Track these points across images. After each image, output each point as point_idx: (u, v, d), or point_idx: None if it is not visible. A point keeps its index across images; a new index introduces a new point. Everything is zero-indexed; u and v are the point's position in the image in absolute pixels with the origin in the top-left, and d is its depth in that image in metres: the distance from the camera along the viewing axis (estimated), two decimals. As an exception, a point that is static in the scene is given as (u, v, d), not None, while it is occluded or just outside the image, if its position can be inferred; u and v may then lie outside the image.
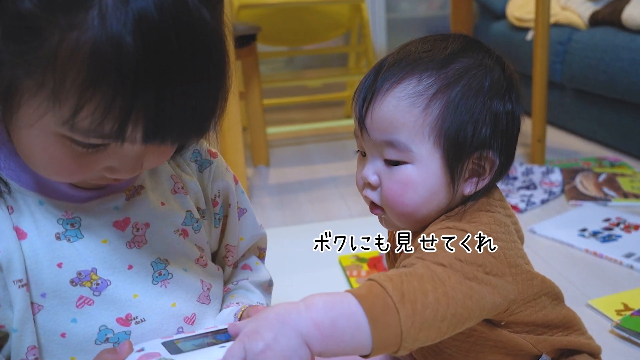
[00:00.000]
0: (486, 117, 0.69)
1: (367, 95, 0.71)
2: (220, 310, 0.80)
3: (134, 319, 0.67)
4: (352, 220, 1.72)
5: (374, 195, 0.74)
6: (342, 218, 1.75)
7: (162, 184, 0.73)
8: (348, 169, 2.25)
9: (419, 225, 0.73)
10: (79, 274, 0.65)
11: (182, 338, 0.67)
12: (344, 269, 1.37)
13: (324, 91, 3.23)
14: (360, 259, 1.39)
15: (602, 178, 1.86)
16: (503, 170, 0.73)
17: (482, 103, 0.69)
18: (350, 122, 2.75)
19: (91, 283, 0.65)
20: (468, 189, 0.71)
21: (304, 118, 3.13)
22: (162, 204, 0.72)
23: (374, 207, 0.75)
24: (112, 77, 0.50)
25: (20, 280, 0.61)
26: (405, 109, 0.69)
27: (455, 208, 0.73)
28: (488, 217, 0.71)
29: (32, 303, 0.63)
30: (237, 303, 0.79)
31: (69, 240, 0.64)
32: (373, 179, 0.73)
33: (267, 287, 0.90)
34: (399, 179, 0.70)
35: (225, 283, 0.85)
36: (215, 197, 0.80)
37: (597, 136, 2.34)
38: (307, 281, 1.35)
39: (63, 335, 0.64)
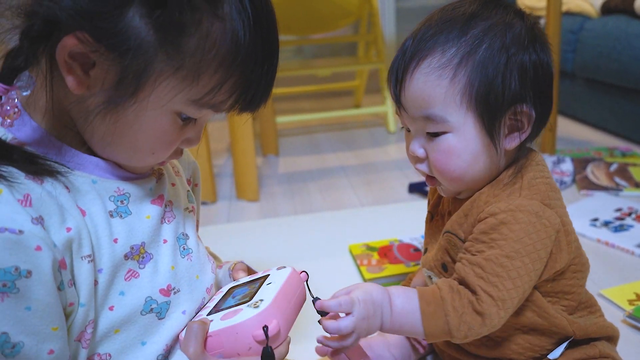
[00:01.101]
0: (512, 72, 0.72)
1: (398, 75, 0.76)
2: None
3: (173, 289, 0.71)
4: (362, 209, 1.72)
5: (424, 167, 0.79)
6: (351, 207, 1.74)
7: (168, 168, 0.79)
8: (357, 158, 2.25)
9: (472, 187, 0.78)
10: (132, 248, 0.68)
11: (213, 307, 0.73)
12: (354, 257, 1.37)
13: (333, 80, 3.22)
14: (370, 248, 1.39)
15: (613, 168, 1.85)
16: (542, 121, 0.77)
17: (506, 59, 0.72)
18: (359, 112, 2.75)
19: (139, 257, 0.69)
20: (510, 144, 0.75)
21: (313, 107, 3.13)
22: (173, 184, 0.77)
23: (428, 178, 0.80)
24: (245, 59, 0.62)
25: (89, 256, 0.63)
26: (434, 83, 0.73)
27: (507, 170, 0.77)
28: (545, 185, 0.76)
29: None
30: (222, 263, 0.92)
31: (120, 216, 0.68)
32: (420, 152, 0.77)
33: None
34: (442, 149, 0.75)
35: None
36: (190, 177, 0.87)
37: (608, 125, 2.32)
38: (317, 270, 1.34)
39: (111, 308, 0.66)
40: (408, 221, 1.58)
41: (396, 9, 3.43)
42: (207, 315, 0.70)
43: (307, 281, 0.75)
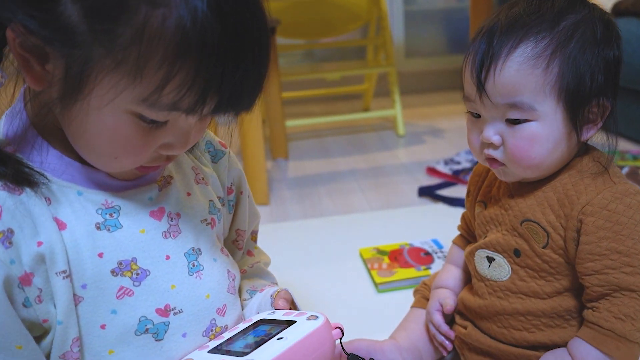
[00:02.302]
0: (600, 66, 0.75)
1: (485, 61, 0.75)
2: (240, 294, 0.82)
3: (172, 309, 0.67)
4: (372, 212, 1.72)
5: (496, 154, 0.79)
6: (361, 211, 1.75)
7: (187, 175, 0.75)
8: (367, 161, 2.25)
9: (543, 174, 0.80)
10: (120, 263, 0.65)
11: (222, 342, 0.68)
12: (364, 261, 1.37)
13: (343, 84, 3.22)
14: (380, 252, 1.39)
15: (624, 171, 1.84)
16: (612, 114, 0.79)
17: (597, 53, 0.75)
18: (368, 115, 2.75)
19: (131, 273, 0.65)
20: (586, 134, 0.78)
21: (322, 111, 3.13)
22: (188, 194, 0.73)
23: (493, 162, 0.81)
24: (196, 53, 0.53)
25: (63, 272, 0.61)
26: (527, 71, 0.74)
27: (580, 159, 0.80)
28: (622, 173, 0.78)
29: (73, 294, 0.63)
30: (270, 284, 0.85)
31: (108, 230, 0.64)
32: (496, 139, 0.78)
33: (268, 265, 0.95)
34: (525, 136, 0.76)
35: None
36: (231, 185, 0.83)
37: (619, 129, 2.30)
38: (327, 274, 1.35)
39: (103, 327, 0.64)
40: (418, 225, 1.58)
41: (404, 12, 3.42)
42: (209, 351, 0.67)
43: (341, 339, 0.67)
